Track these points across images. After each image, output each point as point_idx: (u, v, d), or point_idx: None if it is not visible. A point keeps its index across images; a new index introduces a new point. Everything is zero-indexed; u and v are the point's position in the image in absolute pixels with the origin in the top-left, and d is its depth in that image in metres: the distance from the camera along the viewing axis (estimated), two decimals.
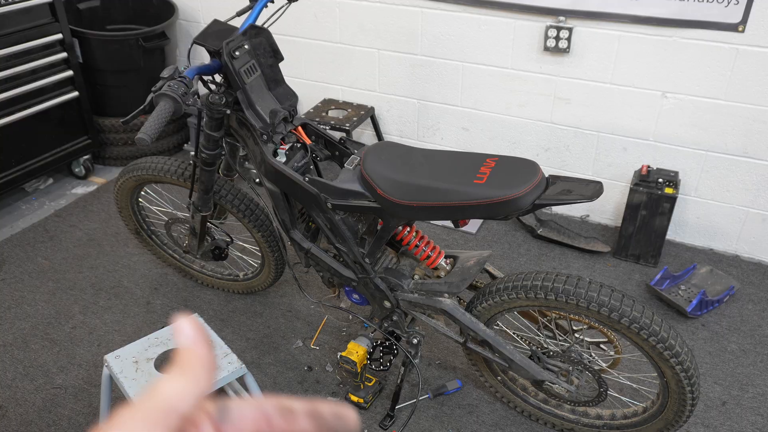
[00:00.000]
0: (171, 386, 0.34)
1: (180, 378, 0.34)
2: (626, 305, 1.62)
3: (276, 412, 0.37)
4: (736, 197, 2.70)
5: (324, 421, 0.37)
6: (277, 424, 0.37)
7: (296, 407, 0.37)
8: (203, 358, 0.36)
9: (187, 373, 0.35)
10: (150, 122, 1.46)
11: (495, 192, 1.54)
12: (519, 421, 2.06)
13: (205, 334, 0.36)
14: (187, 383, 0.34)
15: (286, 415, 0.37)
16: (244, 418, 0.36)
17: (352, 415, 0.38)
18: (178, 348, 0.36)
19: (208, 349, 0.36)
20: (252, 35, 1.79)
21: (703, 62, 2.49)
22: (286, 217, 1.93)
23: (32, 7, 2.90)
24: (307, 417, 0.37)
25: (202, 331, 0.36)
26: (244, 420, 0.36)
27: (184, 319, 0.36)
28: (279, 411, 0.37)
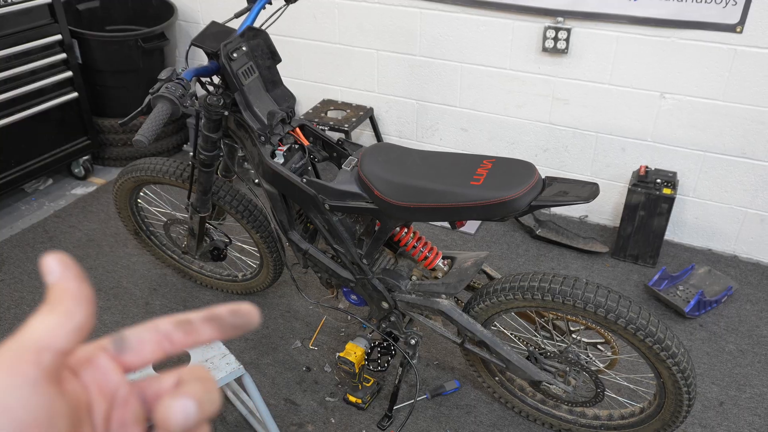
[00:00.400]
0: (40, 324, 0.32)
1: (50, 314, 0.32)
2: (623, 306, 1.62)
3: (174, 328, 0.36)
4: (734, 198, 2.70)
5: (224, 322, 0.36)
6: (178, 340, 0.36)
7: (193, 317, 0.36)
8: (74, 291, 0.33)
9: (57, 309, 0.33)
10: (147, 124, 1.47)
11: (491, 193, 1.55)
12: (517, 421, 2.07)
13: (75, 269, 0.34)
14: (59, 318, 0.32)
15: (185, 328, 0.36)
16: (143, 342, 0.35)
17: (250, 308, 0.37)
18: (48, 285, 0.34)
19: (78, 282, 0.34)
20: (250, 37, 1.80)
21: (701, 63, 2.49)
22: (284, 218, 1.94)
23: (31, 8, 2.90)
24: (206, 323, 0.36)
25: (71, 266, 0.34)
26: (144, 344, 0.35)
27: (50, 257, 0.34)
28: (177, 326, 0.36)
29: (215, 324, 0.36)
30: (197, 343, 0.36)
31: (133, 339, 0.35)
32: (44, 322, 0.32)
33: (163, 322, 0.36)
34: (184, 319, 0.36)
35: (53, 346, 0.31)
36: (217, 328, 0.36)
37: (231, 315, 0.37)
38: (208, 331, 0.36)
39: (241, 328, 0.37)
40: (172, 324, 0.36)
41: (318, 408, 2.11)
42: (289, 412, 2.09)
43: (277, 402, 2.13)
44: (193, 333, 0.36)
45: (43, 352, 0.31)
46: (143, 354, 0.35)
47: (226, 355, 1.77)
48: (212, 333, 0.36)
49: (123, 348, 0.35)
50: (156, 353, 0.35)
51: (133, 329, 0.35)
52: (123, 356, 0.35)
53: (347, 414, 2.09)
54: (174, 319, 0.36)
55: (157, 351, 0.35)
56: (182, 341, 0.36)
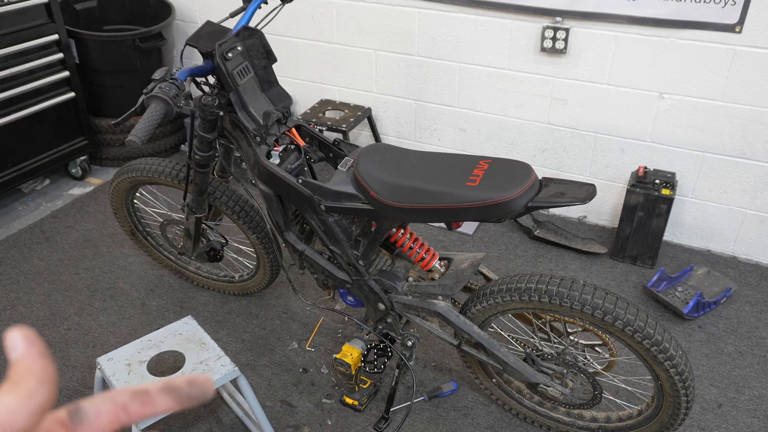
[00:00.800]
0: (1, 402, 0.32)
1: (10, 393, 0.32)
2: (620, 308, 1.61)
3: (130, 398, 0.36)
4: (733, 198, 2.69)
5: (180, 393, 0.37)
6: (135, 410, 0.36)
7: (149, 388, 0.37)
8: (37, 370, 0.33)
9: (18, 387, 0.33)
10: (140, 125, 1.46)
11: (488, 194, 1.54)
12: (514, 423, 2.06)
13: (39, 345, 0.34)
14: (19, 398, 0.32)
15: (141, 398, 0.36)
16: (99, 413, 0.35)
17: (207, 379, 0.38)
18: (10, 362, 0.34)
19: (41, 359, 0.34)
20: (245, 36, 1.78)
21: (700, 63, 2.48)
22: (279, 219, 1.93)
23: (28, 8, 2.89)
24: (163, 394, 0.37)
25: (35, 341, 0.34)
26: (100, 415, 0.35)
27: (14, 331, 0.34)
28: (133, 397, 0.36)
29: (172, 394, 0.37)
30: (154, 413, 0.37)
31: (89, 411, 0.35)
32: (5, 402, 0.32)
33: (120, 393, 0.36)
34: (141, 390, 0.37)
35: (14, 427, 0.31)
36: (174, 399, 0.37)
37: (187, 386, 0.38)
38: (165, 401, 0.37)
39: (197, 399, 0.38)
40: (128, 395, 0.36)
41: (314, 410, 2.09)
42: (285, 413, 2.08)
43: (274, 404, 2.12)
44: (150, 404, 0.37)
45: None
46: (99, 426, 0.35)
47: (222, 357, 1.76)
48: (168, 403, 0.37)
49: (80, 420, 0.35)
50: (112, 424, 0.36)
51: (90, 400, 0.36)
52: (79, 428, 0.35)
53: (344, 416, 2.08)
54: (131, 390, 0.37)
55: (113, 422, 0.36)
56: (138, 412, 0.36)
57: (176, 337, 1.83)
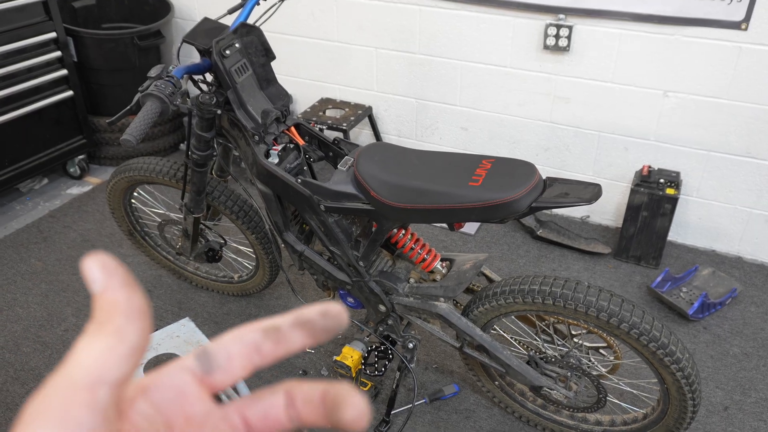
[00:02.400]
0: (89, 351, 0.27)
1: (99, 337, 0.27)
2: (625, 310, 1.58)
3: (263, 337, 0.31)
4: (738, 198, 2.66)
5: (314, 326, 0.32)
6: (267, 350, 0.31)
7: (280, 323, 0.32)
8: (123, 304, 0.28)
9: (105, 328, 0.28)
10: (136, 123, 1.43)
11: (491, 194, 1.51)
12: (517, 426, 2.03)
13: (121, 274, 0.29)
14: (109, 341, 0.27)
15: (274, 336, 0.32)
16: (231, 357, 0.31)
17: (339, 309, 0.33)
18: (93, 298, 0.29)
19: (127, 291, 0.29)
20: (243, 33, 1.75)
21: (706, 61, 2.45)
22: (279, 220, 1.90)
23: (26, 6, 2.86)
24: (296, 329, 0.32)
25: (115, 269, 0.29)
26: (232, 360, 0.31)
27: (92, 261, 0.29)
28: (265, 335, 0.31)
29: (306, 329, 0.32)
30: (288, 352, 0.32)
31: (219, 355, 0.31)
32: (93, 349, 0.27)
33: (248, 331, 0.32)
34: (272, 326, 0.32)
35: (107, 378, 0.26)
36: (308, 333, 0.32)
37: (321, 317, 0.32)
38: (299, 337, 0.32)
39: (332, 332, 0.33)
40: (259, 333, 0.31)
41: None
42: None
43: None
44: (284, 341, 0.32)
45: (97, 388, 0.26)
46: (232, 371, 0.31)
47: None
48: (303, 339, 0.32)
49: (210, 366, 0.30)
50: (246, 368, 0.31)
51: (218, 342, 0.31)
52: (211, 376, 0.30)
53: None
54: (261, 327, 0.32)
55: (247, 366, 0.31)
56: (272, 352, 0.32)
57: (174, 339, 1.80)
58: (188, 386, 0.30)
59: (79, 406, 0.25)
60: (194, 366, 0.30)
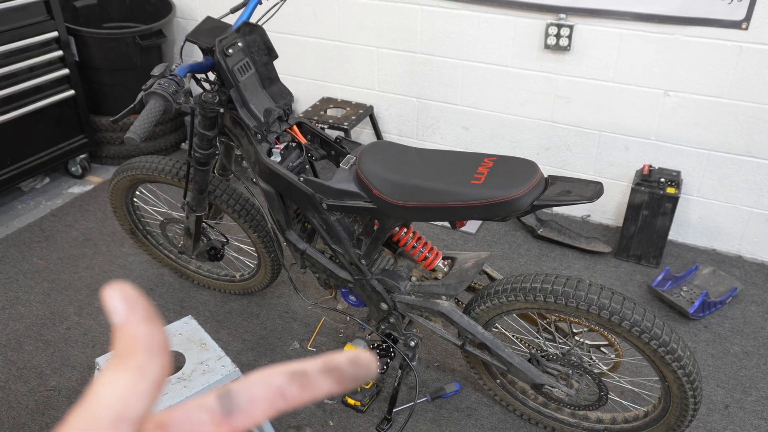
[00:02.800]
0: (112, 388, 0.27)
1: (120, 373, 0.27)
2: (627, 308, 1.59)
3: (288, 381, 0.31)
4: (739, 197, 2.66)
5: (343, 374, 0.32)
6: (293, 395, 0.31)
7: (308, 368, 0.31)
8: (144, 338, 0.28)
9: (127, 364, 0.27)
10: (139, 121, 1.43)
11: (493, 193, 1.51)
12: (518, 424, 2.03)
13: (143, 306, 0.29)
14: (131, 377, 0.27)
15: (300, 381, 0.31)
16: (253, 400, 0.30)
17: (370, 358, 0.33)
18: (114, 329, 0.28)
19: (149, 325, 0.28)
20: (246, 32, 1.76)
21: (706, 60, 2.45)
22: (281, 218, 1.90)
23: (27, 5, 2.87)
24: (323, 375, 0.31)
25: (137, 302, 0.29)
26: (255, 403, 0.30)
27: (113, 291, 0.28)
28: (291, 379, 0.31)
29: (333, 376, 0.32)
30: (313, 399, 0.31)
31: (242, 397, 0.30)
32: (115, 385, 0.27)
33: (275, 374, 0.31)
34: (299, 371, 0.31)
35: (129, 415, 0.26)
36: (335, 380, 0.32)
37: (351, 366, 0.32)
38: (326, 383, 0.31)
39: (360, 381, 0.32)
40: (286, 376, 0.31)
41: (316, 410, 2.07)
42: (286, 414, 2.06)
43: None
44: (310, 387, 0.31)
45: (119, 425, 0.26)
46: (253, 414, 0.30)
47: (222, 357, 1.73)
48: (330, 386, 0.32)
49: (231, 408, 0.30)
50: (267, 412, 0.30)
51: (242, 383, 0.31)
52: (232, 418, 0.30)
53: (346, 416, 2.05)
54: (287, 371, 0.31)
55: (269, 410, 0.30)
56: (297, 397, 0.31)
57: (176, 337, 1.80)
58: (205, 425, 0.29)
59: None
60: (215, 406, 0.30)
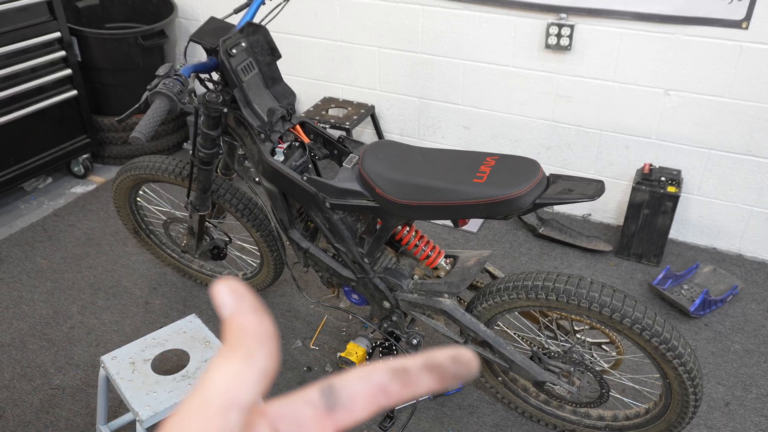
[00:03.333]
0: (222, 375, 0.28)
1: (231, 361, 0.28)
2: (628, 306, 1.60)
3: (390, 378, 0.31)
4: (739, 196, 2.67)
5: (444, 372, 0.32)
6: (395, 392, 0.31)
7: (409, 366, 0.32)
8: (253, 329, 0.29)
9: (237, 353, 0.28)
10: (144, 121, 1.45)
11: (495, 191, 1.52)
12: (520, 422, 2.04)
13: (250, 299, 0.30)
14: (242, 366, 0.28)
15: (402, 378, 0.31)
16: (356, 397, 0.31)
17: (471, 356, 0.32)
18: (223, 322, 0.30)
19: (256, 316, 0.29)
20: (249, 33, 1.77)
21: (707, 59, 2.47)
22: (284, 217, 1.91)
23: (30, 5, 2.88)
24: (425, 372, 0.32)
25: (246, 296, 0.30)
26: (356, 399, 0.31)
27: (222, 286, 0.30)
28: (393, 376, 0.31)
29: (434, 373, 0.32)
30: (414, 396, 0.31)
31: (344, 392, 0.31)
32: (226, 372, 0.28)
33: (377, 371, 0.31)
34: (401, 368, 0.31)
35: (239, 402, 0.27)
36: (437, 378, 0.32)
37: (453, 364, 0.32)
38: (427, 380, 0.32)
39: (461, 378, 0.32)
40: (387, 374, 0.31)
41: None
42: None
43: None
44: (411, 384, 0.31)
45: (230, 411, 0.27)
46: (355, 411, 0.30)
47: None
48: (431, 383, 0.32)
49: (333, 403, 0.30)
50: (369, 409, 0.31)
51: (344, 378, 0.31)
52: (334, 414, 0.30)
53: None
54: (389, 367, 0.31)
55: (371, 406, 0.31)
56: (399, 393, 0.31)
57: (180, 335, 1.82)
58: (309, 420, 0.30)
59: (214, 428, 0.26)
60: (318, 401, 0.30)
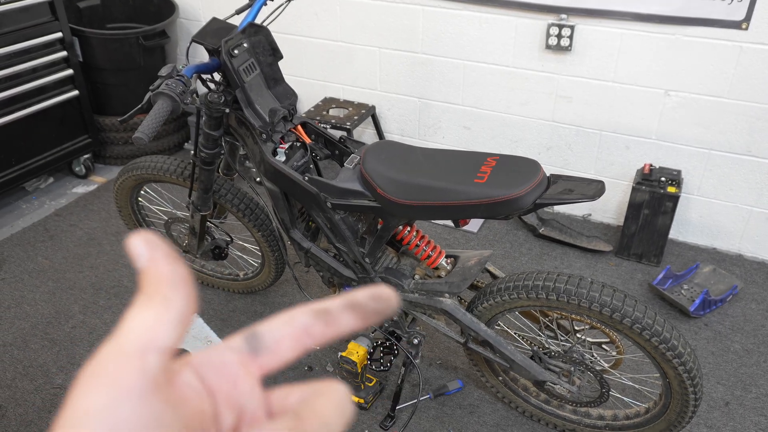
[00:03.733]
0: (138, 320, 0.28)
1: (147, 307, 0.28)
2: (628, 305, 1.60)
3: (313, 319, 0.32)
4: (739, 196, 2.68)
5: (365, 309, 0.33)
6: (318, 332, 0.32)
7: (331, 306, 0.32)
8: (167, 275, 0.29)
9: (153, 298, 0.28)
10: (147, 121, 1.45)
11: (496, 191, 1.53)
12: (520, 421, 2.05)
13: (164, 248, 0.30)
14: (157, 310, 0.28)
15: (324, 318, 0.32)
16: (280, 339, 0.31)
17: (389, 292, 0.33)
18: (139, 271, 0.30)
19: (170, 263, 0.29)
20: (251, 33, 1.78)
21: (707, 60, 2.47)
22: (285, 217, 1.92)
23: (32, 6, 2.89)
24: (346, 311, 0.32)
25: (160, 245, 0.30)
26: (281, 341, 0.31)
27: (136, 238, 0.30)
28: (315, 317, 0.32)
29: (356, 312, 0.33)
30: (338, 334, 0.33)
31: (268, 336, 0.31)
32: (142, 317, 0.28)
33: (299, 313, 0.32)
34: (323, 309, 0.32)
35: (157, 345, 0.27)
36: (359, 316, 0.33)
37: (371, 300, 0.33)
38: (350, 319, 0.33)
39: (382, 315, 0.33)
40: (310, 315, 0.32)
41: None
42: None
43: None
44: (334, 323, 0.32)
45: (147, 354, 0.27)
46: (280, 353, 0.31)
47: None
48: (353, 321, 0.33)
49: (257, 348, 0.31)
50: (295, 350, 0.32)
51: (267, 324, 0.32)
52: (259, 357, 0.31)
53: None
54: (311, 310, 0.32)
55: (296, 347, 0.32)
56: (323, 333, 0.32)
57: None
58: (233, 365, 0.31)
59: (131, 371, 0.26)
60: (242, 346, 0.31)
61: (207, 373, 0.30)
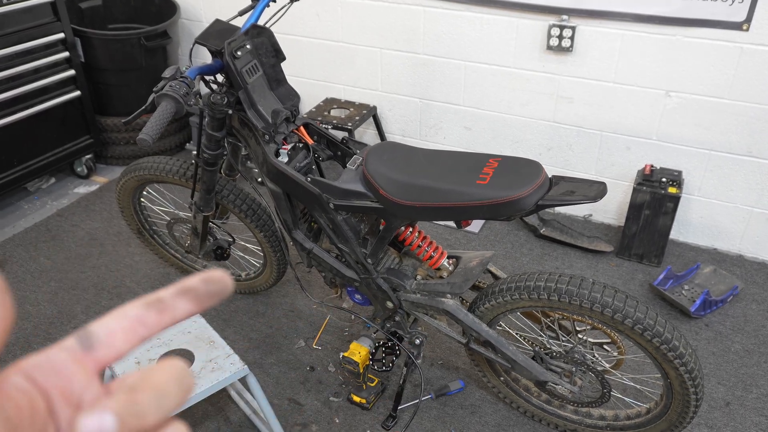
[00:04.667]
0: None
1: None
2: (630, 306, 1.61)
3: (145, 310, 0.33)
4: (740, 196, 2.69)
5: (199, 293, 0.34)
6: (153, 321, 0.32)
7: (163, 295, 0.33)
8: None
9: None
10: (151, 123, 1.46)
11: (498, 193, 1.54)
12: (522, 421, 2.06)
13: None
14: None
15: (156, 307, 0.33)
16: (113, 333, 0.32)
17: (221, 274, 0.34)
18: None
19: None
20: (254, 35, 1.78)
21: (707, 61, 2.48)
22: (288, 218, 1.93)
23: (34, 7, 2.89)
24: (180, 298, 0.33)
25: None
26: (114, 335, 0.32)
27: None
28: (148, 307, 0.33)
29: (189, 296, 0.33)
30: (174, 320, 0.33)
31: (101, 331, 0.32)
32: None
33: (131, 306, 0.33)
34: (155, 299, 0.33)
35: None
36: (193, 300, 0.33)
37: (204, 284, 0.34)
38: (184, 304, 0.33)
39: (217, 297, 0.34)
40: (142, 307, 0.33)
41: (322, 408, 2.10)
42: (293, 412, 2.08)
43: (281, 402, 2.12)
44: (168, 310, 0.33)
45: None
46: (115, 345, 0.32)
47: (231, 355, 1.76)
48: (189, 306, 0.33)
49: (90, 343, 0.31)
50: (130, 341, 0.32)
51: (100, 321, 0.32)
52: (93, 353, 0.31)
53: (351, 414, 2.08)
54: (143, 302, 0.33)
55: (131, 339, 0.32)
56: (157, 322, 0.33)
57: (185, 335, 1.83)
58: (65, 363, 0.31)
59: None
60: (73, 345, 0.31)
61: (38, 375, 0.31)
